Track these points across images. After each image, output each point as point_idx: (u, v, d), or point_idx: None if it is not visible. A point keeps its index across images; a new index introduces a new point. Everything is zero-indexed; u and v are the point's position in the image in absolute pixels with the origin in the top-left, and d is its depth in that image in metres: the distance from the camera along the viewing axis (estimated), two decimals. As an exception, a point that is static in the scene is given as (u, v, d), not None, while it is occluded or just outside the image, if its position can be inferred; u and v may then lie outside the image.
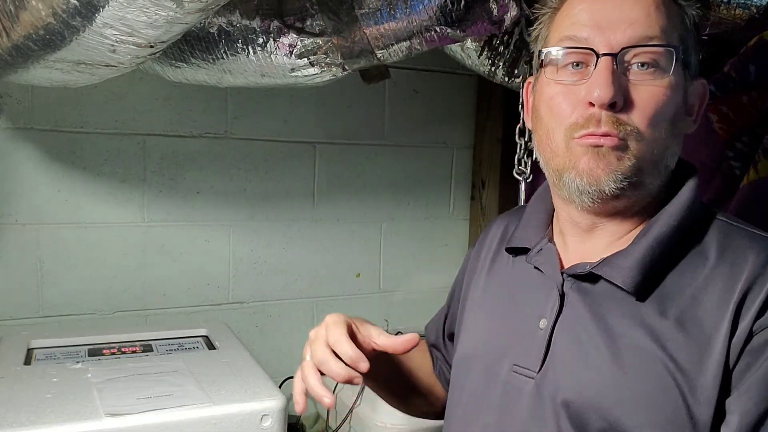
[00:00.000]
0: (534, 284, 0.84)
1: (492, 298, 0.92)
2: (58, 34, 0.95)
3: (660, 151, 0.75)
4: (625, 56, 0.73)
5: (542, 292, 0.82)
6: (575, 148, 0.75)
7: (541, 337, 0.79)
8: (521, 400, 0.79)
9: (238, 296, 1.82)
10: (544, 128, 0.79)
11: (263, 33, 1.14)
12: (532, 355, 0.79)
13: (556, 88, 0.77)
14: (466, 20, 1.08)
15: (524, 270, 0.87)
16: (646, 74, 0.73)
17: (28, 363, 1.28)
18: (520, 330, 0.82)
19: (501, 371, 0.82)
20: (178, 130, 1.70)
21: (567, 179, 0.77)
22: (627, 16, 0.74)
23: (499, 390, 0.82)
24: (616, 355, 0.72)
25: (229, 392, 1.15)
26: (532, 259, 0.86)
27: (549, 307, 0.79)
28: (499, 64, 1.40)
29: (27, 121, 1.56)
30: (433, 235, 2.05)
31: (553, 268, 0.82)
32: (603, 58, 0.73)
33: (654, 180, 0.76)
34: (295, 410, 0.80)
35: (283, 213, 1.84)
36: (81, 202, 1.63)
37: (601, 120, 0.73)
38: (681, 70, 0.75)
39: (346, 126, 1.89)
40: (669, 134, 0.75)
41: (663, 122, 0.74)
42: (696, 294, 0.72)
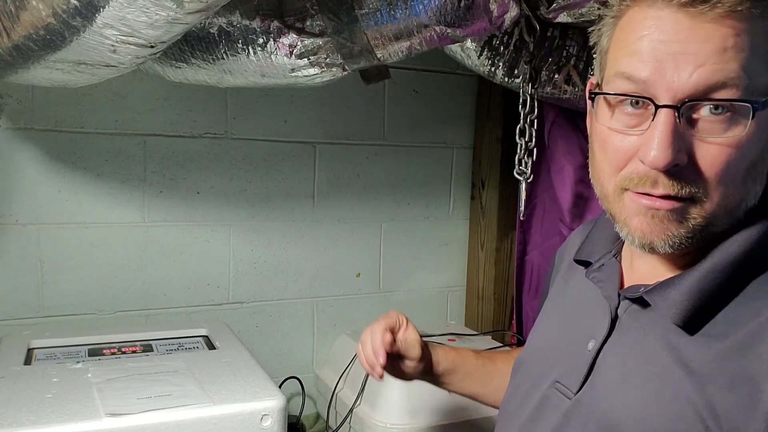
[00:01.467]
0: (591, 301, 0.80)
1: (557, 308, 0.90)
2: (59, 35, 0.95)
3: (735, 203, 0.65)
4: (690, 107, 0.62)
5: (597, 311, 0.77)
6: (628, 201, 0.67)
7: (586, 359, 0.75)
8: (552, 417, 0.76)
9: (238, 296, 1.82)
10: (597, 166, 0.71)
11: (263, 33, 1.14)
12: (574, 375, 0.76)
13: (610, 131, 0.68)
14: (466, 20, 1.08)
15: (585, 284, 0.83)
16: (718, 123, 0.61)
17: (28, 363, 1.28)
18: (570, 347, 0.79)
19: (543, 384, 0.80)
20: (178, 130, 1.70)
21: (619, 230, 0.70)
22: (696, 52, 0.60)
23: (536, 401, 0.80)
24: (652, 390, 0.67)
25: (229, 392, 1.15)
26: (591, 275, 0.82)
27: (599, 329, 0.75)
28: (499, 64, 1.40)
29: (27, 121, 1.56)
30: (433, 234, 2.06)
31: (612, 287, 0.77)
32: (663, 110, 0.62)
33: (727, 223, 0.67)
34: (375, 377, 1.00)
35: (283, 213, 1.84)
36: (81, 202, 1.63)
37: (659, 182, 0.63)
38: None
39: (346, 126, 1.89)
40: (748, 181, 0.65)
41: (739, 175, 0.63)
42: (753, 334, 0.63)
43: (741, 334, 0.63)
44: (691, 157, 0.63)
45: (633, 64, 0.64)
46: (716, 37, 0.60)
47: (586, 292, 0.83)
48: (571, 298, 0.87)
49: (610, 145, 0.68)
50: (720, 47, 0.60)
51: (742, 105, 0.61)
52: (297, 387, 1.79)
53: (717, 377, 0.63)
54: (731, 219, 0.67)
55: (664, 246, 0.66)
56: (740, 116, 0.61)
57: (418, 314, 2.04)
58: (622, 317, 0.75)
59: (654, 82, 0.62)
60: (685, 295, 0.67)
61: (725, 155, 0.62)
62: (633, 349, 0.72)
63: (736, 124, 0.62)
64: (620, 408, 0.70)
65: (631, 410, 0.69)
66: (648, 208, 0.65)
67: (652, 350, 0.69)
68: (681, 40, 0.61)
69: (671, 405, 0.66)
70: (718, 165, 0.62)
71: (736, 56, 0.60)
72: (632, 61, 0.64)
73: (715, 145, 0.62)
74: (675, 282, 0.69)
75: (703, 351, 0.65)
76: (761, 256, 0.67)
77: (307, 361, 1.91)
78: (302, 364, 1.90)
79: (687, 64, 0.61)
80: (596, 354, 0.75)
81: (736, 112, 0.62)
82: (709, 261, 0.67)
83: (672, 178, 0.63)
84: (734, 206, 0.66)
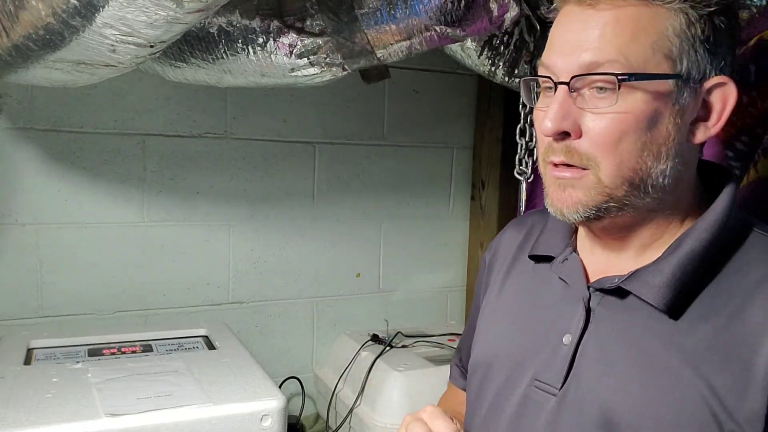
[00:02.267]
0: (558, 295, 0.81)
1: (510, 305, 0.89)
2: (58, 34, 0.95)
3: (634, 175, 0.71)
4: (577, 84, 0.70)
5: (567, 305, 0.79)
6: (548, 173, 0.75)
7: (564, 353, 0.76)
8: (540, 416, 0.76)
9: (238, 296, 1.82)
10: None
11: (263, 33, 1.14)
12: (554, 371, 0.77)
13: (538, 112, 0.77)
14: (466, 20, 1.08)
15: (548, 279, 0.84)
16: (602, 99, 0.70)
17: (28, 363, 1.28)
18: (543, 342, 0.79)
19: (521, 383, 0.80)
20: (178, 130, 1.70)
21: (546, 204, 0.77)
22: (582, 39, 0.70)
23: (516, 401, 0.80)
24: (647, 376, 0.69)
25: (229, 392, 1.15)
26: (556, 268, 0.83)
27: (574, 323, 0.77)
28: (499, 64, 1.40)
29: (27, 121, 1.56)
30: (432, 234, 2.05)
31: (579, 281, 0.79)
32: (559, 87, 0.71)
33: (642, 199, 0.73)
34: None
35: (283, 213, 1.84)
36: (81, 202, 1.63)
37: (556, 150, 0.72)
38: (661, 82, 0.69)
39: (346, 126, 1.89)
40: (644, 154, 0.70)
41: (627, 145, 0.69)
42: (734, 313, 0.68)
43: (723, 315, 0.68)
44: (582, 128, 0.71)
45: (547, 53, 0.75)
46: (598, 24, 0.70)
47: (549, 286, 0.84)
48: (531, 293, 0.87)
49: (537, 125, 0.77)
50: (599, 33, 0.70)
51: (620, 80, 0.69)
52: (297, 387, 1.79)
53: (708, 357, 0.67)
54: (638, 193, 0.72)
55: (571, 212, 0.73)
56: (621, 92, 0.69)
57: (418, 314, 2.04)
58: (596, 309, 0.76)
59: (555, 65, 0.73)
60: (668, 280, 0.71)
61: (609, 125, 0.70)
62: (615, 339, 0.73)
63: (618, 100, 0.69)
64: (611, 397, 0.71)
65: (626, 399, 0.70)
66: (556, 178, 0.74)
67: (637, 339, 0.71)
68: (575, 30, 0.72)
69: (673, 391, 0.67)
70: (603, 134, 0.70)
71: (614, 40, 0.69)
72: (547, 52, 0.75)
73: (600, 116, 0.70)
74: (653, 269, 0.72)
75: (690, 334, 0.69)
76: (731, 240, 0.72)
77: (307, 361, 1.91)
78: (302, 364, 1.90)
79: (576, 48, 0.71)
80: (575, 348, 0.76)
81: (616, 88, 0.69)
82: (686, 246, 0.72)
83: (563, 145, 0.72)
84: (635, 179, 0.71)
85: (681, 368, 0.68)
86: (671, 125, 0.71)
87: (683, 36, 0.69)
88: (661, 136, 0.71)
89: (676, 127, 0.71)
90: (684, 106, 0.71)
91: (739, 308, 0.68)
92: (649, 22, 0.69)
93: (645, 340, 0.71)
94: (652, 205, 0.74)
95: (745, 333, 0.66)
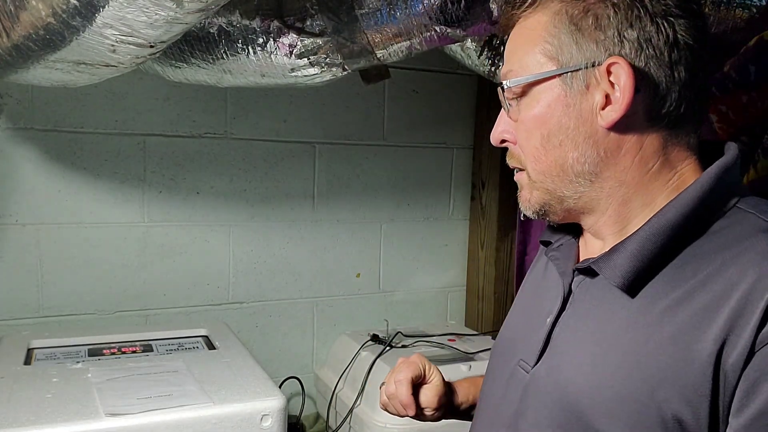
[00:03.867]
0: (550, 279, 0.85)
1: (524, 292, 0.96)
2: (58, 34, 0.95)
3: (554, 167, 0.76)
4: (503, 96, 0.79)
5: (555, 288, 0.82)
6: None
7: (542, 333, 0.79)
8: (515, 393, 0.80)
9: (238, 296, 1.82)
10: None
11: (263, 33, 1.14)
12: (533, 351, 0.80)
13: None
14: (466, 20, 1.08)
15: (546, 264, 0.89)
16: (517, 107, 0.78)
17: (28, 363, 1.28)
18: (531, 325, 0.83)
19: (510, 363, 0.84)
20: (178, 130, 1.70)
21: None
22: (506, 51, 0.80)
23: (504, 381, 0.84)
24: (601, 356, 0.71)
25: (229, 392, 1.15)
26: (549, 253, 0.87)
27: (555, 304, 0.80)
28: (499, 64, 1.40)
29: (27, 121, 1.56)
30: (433, 235, 2.06)
31: (567, 264, 0.83)
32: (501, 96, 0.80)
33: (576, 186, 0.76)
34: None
35: (283, 213, 1.84)
36: (81, 202, 1.63)
37: (507, 156, 0.83)
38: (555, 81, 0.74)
39: (346, 126, 1.89)
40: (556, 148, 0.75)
41: (541, 143, 0.76)
42: (692, 291, 0.68)
43: (678, 293, 0.69)
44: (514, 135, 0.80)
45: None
46: (510, 40, 0.80)
47: (546, 272, 0.88)
48: (535, 280, 0.93)
49: None
50: (511, 48, 0.79)
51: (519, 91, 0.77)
52: (297, 387, 1.79)
53: (658, 333, 0.68)
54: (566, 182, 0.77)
55: (527, 210, 0.82)
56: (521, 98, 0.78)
57: (418, 314, 2.04)
58: (575, 291, 0.79)
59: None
60: (627, 258, 0.72)
61: (521, 129, 0.79)
62: (583, 319, 0.76)
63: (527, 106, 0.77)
64: (574, 377, 0.73)
65: (584, 378, 0.72)
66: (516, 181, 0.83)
67: (601, 317, 0.74)
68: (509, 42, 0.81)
69: (619, 369, 0.69)
70: (521, 139, 0.79)
71: (513, 56, 0.78)
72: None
73: (518, 123, 0.79)
74: (617, 248, 0.74)
75: (643, 312, 0.70)
76: (696, 221, 0.72)
77: (307, 361, 1.91)
78: (302, 364, 1.90)
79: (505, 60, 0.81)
80: (551, 328, 0.79)
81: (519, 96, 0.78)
82: (648, 226, 0.73)
83: (509, 152, 0.82)
84: (556, 170, 0.76)
85: (631, 347, 0.69)
86: (567, 116, 0.75)
87: (562, 32, 0.74)
88: (569, 127, 0.75)
89: (585, 116, 0.74)
90: (580, 96, 0.74)
91: (697, 287, 0.68)
92: (534, 29, 0.76)
93: (607, 319, 0.73)
94: (591, 191, 0.76)
95: (695, 311, 0.66)
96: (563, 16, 0.74)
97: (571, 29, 0.73)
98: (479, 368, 1.57)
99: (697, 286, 0.68)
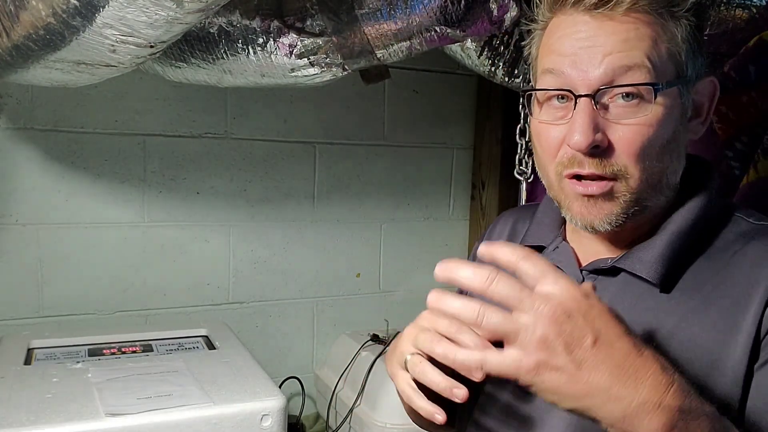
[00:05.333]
0: None
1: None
2: (58, 34, 0.95)
3: (656, 178, 0.74)
4: (604, 94, 0.72)
5: None
6: (566, 187, 0.76)
7: None
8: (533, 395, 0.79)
9: (238, 296, 1.82)
10: (538, 158, 0.81)
11: (263, 33, 1.14)
12: None
13: (542, 124, 0.77)
14: (466, 20, 1.08)
15: None
16: (629, 108, 0.71)
17: (28, 363, 1.28)
18: None
19: None
20: (178, 130, 1.70)
21: (564, 214, 0.79)
22: (603, 44, 0.71)
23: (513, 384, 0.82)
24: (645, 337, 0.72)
25: (229, 392, 1.15)
26: (548, 256, 0.86)
27: None
28: (499, 64, 1.40)
29: (27, 121, 1.56)
30: (433, 235, 2.06)
31: (571, 266, 0.82)
32: (581, 99, 0.71)
33: (657, 200, 0.76)
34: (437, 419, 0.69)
35: (283, 213, 1.84)
36: (81, 202, 1.63)
37: (585, 163, 0.72)
38: (674, 87, 0.73)
39: (346, 126, 1.89)
40: (664, 157, 0.73)
41: (654, 152, 0.72)
42: (718, 284, 0.72)
43: (710, 285, 0.72)
44: (611, 139, 0.72)
45: (554, 60, 0.74)
46: (620, 30, 0.71)
47: None
48: None
49: (544, 137, 0.77)
50: (623, 38, 0.70)
51: (646, 87, 0.70)
52: (297, 387, 1.79)
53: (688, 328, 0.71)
54: (657, 194, 0.75)
55: (602, 224, 0.74)
56: (647, 101, 0.71)
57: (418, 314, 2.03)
58: None
59: (571, 74, 0.72)
60: (660, 255, 0.74)
61: (638, 135, 0.71)
62: None
63: (644, 107, 0.71)
64: None
65: None
66: (582, 194, 0.74)
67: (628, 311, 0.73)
68: (591, 36, 0.72)
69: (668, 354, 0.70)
70: (633, 144, 0.71)
71: (639, 45, 0.70)
72: (553, 58, 0.74)
73: (628, 126, 0.71)
74: (645, 246, 0.76)
75: (681, 303, 0.73)
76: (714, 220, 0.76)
77: (307, 361, 1.91)
78: (302, 364, 1.90)
79: (597, 54, 0.71)
80: None
81: (643, 97, 0.71)
82: (673, 225, 0.76)
83: (595, 158, 0.72)
84: (656, 181, 0.74)
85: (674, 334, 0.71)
86: (680, 126, 0.75)
87: (688, 42, 0.73)
88: (676, 138, 0.74)
89: (683, 127, 0.75)
90: (685, 108, 0.75)
91: (723, 279, 0.72)
92: (662, 30, 0.72)
93: (636, 312, 0.74)
94: (663, 202, 0.77)
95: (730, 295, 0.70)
96: (687, 26, 0.73)
97: (693, 37, 0.74)
98: (479, 368, 1.57)
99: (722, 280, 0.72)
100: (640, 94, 0.71)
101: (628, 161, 0.72)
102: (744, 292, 0.70)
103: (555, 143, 0.75)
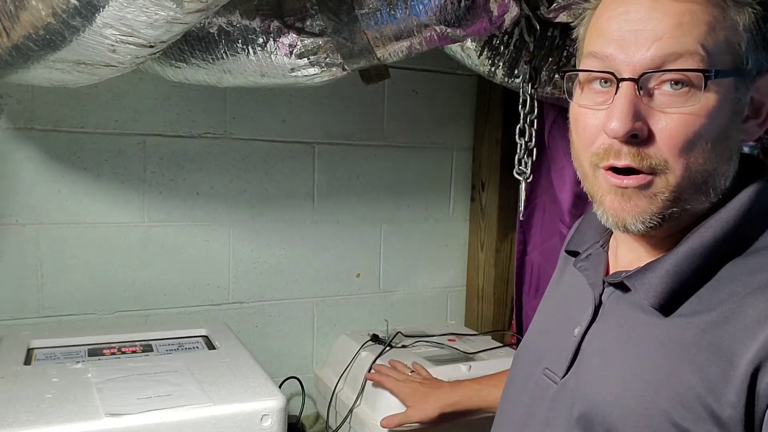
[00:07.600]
0: (579, 289, 0.82)
1: (549, 300, 0.93)
2: (58, 34, 0.95)
3: (701, 177, 0.67)
4: (646, 80, 0.65)
5: (582, 299, 0.79)
6: (600, 178, 0.70)
7: (571, 344, 0.77)
8: (543, 403, 0.79)
9: (238, 296, 1.82)
10: (574, 146, 0.75)
11: (263, 33, 1.14)
12: (561, 361, 0.78)
13: (581, 109, 0.72)
14: (466, 20, 1.08)
15: (574, 274, 0.85)
16: (676, 97, 0.65)
17: (28, 363, 1.28)
18: (558, 335, 0.81)
19: (536, 373, 0.82)
20: (178, 130, 1.70)
21: (596, 210, 0.73)
22: (654, 27, 0.64)
23: (530, 390, 0.82)
24: (629, 372, 0.69)
25: (229, 392, 1.15)
26: (578, 264, 0.84)
27: (585, 315, 0.77)
28: (499, 64, 1.40)
29: (27, 121, 1.56)
30: (433, 236, 2.06)
31: (596, 275, 0.79)
32: (624, 83, 0.65)
33: (701, 202, 0.69)
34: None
35: (283, 213, 1.84)
36: (81, 202, 1.63)
37: (621, 153, 0.66)
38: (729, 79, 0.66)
39: (346, 126, 1.89)
40: (711, 155, 0.66)
41: (699, 147, 0.65)
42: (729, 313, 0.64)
43: (715, 314, 0.65)
44: (652, 129, 0.65)
45: (600, 43, 0.69)
46: (673, 14, 0.64)
47: (574, 282, 0.85)
48: (562, 289, 0.90)
49: (581, 123, 0.72)
50: (676, 22, 0.64)
51: (697, 76, 0.64)
52: (297, 387, 1.79)
53: (693, 355, 0.65)
54: (702, 197, 0.68)
55: (635, 223, 0.68)
56: (697, 89, 0.64)
57: (418, 314, 2.04)
58: (606, 303, 0.77)
59: (616, 57, 0.67)
60: (662, 278, 0.69)
61: (683, 126, 0.65)
62: (614, 333, 0.74)
63: (693, 96, 0.64)
64: (602, 390, 0.71)
65: (614, 394, 0.70)
66: (617, 186, 0.68)
67: (632, 333, 0.71)
68: (641, 18, 0.65)
69: (649, 387, 0.67)
70: (677, 136, 0.65)
71: (692, 31, 0.64)
72: (599, 41, 0.69)
73: (674, 116, 0.65)
74: (652, 266, 0.71)
75: (678, 331, 0.67)
76: (735, 240, 0.68)
77: (307, 361, 1.91)
78: (302, 364, 1.90)
79: (646, 38, 0.65)
80: (581, 339, 0.77)
81: (693, 85, 0.64)
82: (685, 245, 0.69)
83: (633, 148, 0.66)
84: (701, 181, 0.67)
85: (663, 365, 0.66)
86: (733, 125, 0.68)
87: (751, 32, 0.67)
88: (727, 137, 0.67)
89: (736, 126, 0.69)
90: (742, 104, 0.68)
91: (736, 307, 0.65)
92: (722, 16, 0.65)
93: (639, 335, 0.70)
94: (704, 206, 0.70)
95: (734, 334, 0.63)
96: (751, 14, 0.66)
97: (757, 28, 0.67)
98: (479, 368, 1.57)
99: (734, 309, 0.64)
100: (690, 82, 0.64)
101: (669, 154, 0.65)
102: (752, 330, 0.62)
103: (592, 131, 0.70)
